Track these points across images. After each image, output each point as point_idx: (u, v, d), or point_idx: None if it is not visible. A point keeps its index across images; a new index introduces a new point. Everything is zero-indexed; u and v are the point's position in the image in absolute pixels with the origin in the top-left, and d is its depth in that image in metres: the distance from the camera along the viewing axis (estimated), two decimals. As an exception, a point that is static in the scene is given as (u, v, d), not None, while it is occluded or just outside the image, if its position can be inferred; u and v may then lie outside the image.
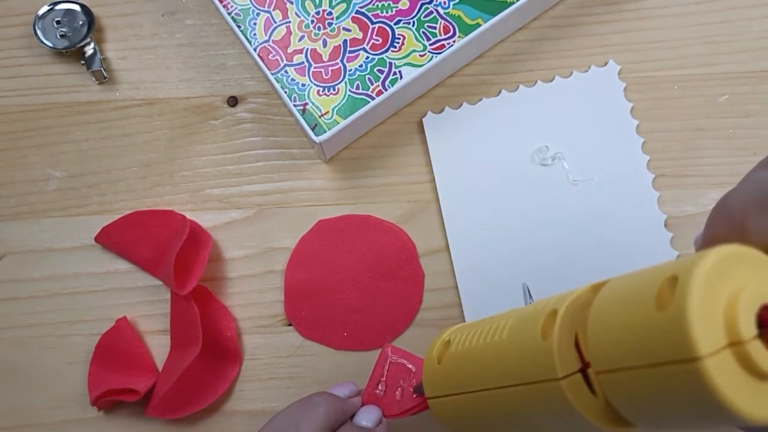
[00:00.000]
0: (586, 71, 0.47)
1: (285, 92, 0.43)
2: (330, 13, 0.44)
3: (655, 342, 0.19)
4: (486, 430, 0.30)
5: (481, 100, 0.46)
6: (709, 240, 0.24)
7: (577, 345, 0.24)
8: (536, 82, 0.47)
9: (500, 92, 0.47)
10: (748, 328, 0.18)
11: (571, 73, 0.47)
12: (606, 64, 0.47)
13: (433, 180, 0.45)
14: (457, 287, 0.43)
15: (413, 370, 0.36)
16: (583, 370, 0.23)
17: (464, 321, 0.43)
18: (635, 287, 0.21)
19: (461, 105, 0.46)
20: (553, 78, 0.47)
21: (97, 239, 0.45)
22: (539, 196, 0.44)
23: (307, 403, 0.34)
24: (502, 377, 0.26)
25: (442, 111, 0.46)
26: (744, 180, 0.24)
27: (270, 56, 0.44)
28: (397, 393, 0.36)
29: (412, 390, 0.36)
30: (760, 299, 0.19)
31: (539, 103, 0.46)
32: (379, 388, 0.37)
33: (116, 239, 0.45)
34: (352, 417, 0.35)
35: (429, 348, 0.33)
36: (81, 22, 0.47)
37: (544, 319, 0.25)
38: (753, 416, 0.18)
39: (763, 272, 0.20)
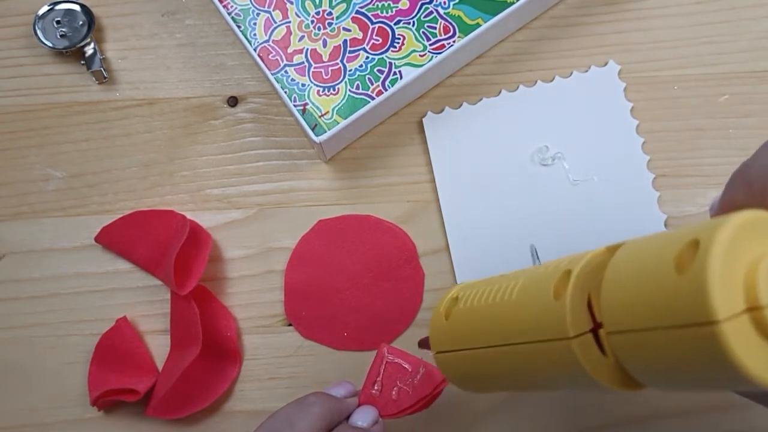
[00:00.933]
0: (586, 71, 0.47)
1: (285, 92, 0.43)
2: (330, 13, 0.44)
3: (673, 304, 0.19)
4: (492, 385, 0.31)
5: (481, 100, 0.46)
6: (728, 205, 0.24)
7: (589, 306, 0.24)
8: (536, 82, 0.47)
9: (500, 92, 0.47)
10: (767, 294, 0.19)
11: (571, 73, 0.47)
12: (606, 64, 0.47)
13: (433, 180, 0.45)
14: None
15: (409, 370, 0.36)
16: (595, 330, 0.23)
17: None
18: (654, 250, 0.21)
19: (461, 105, 0.46)
20: (553, 78, 0.47)
21: (97, 239, 0.45)
22: (539, 196, 0.44)
23: (302, 403, 0.34)
24: (512, 335, 0.27)
25: (442, 111, 0.46)
26: (762, 148, 0.24)
27: (270, 56, 0.44)
28: (394, 393, 0.36)
29: (408, 390, 0.36)
30: None
31: (539, 103, 0.46)
32: (376, 388, 0.37)
33: (116, 239, 0.45)
34: (348, 417, 0.35)
35: (437, 303, 0.33)
36: (81, 22, 0.47)
37: (557, 279, 0.25)
38: (766, 380, 0.19)
39: None
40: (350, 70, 0.43)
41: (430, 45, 0.43)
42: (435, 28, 0.44)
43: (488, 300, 0.29)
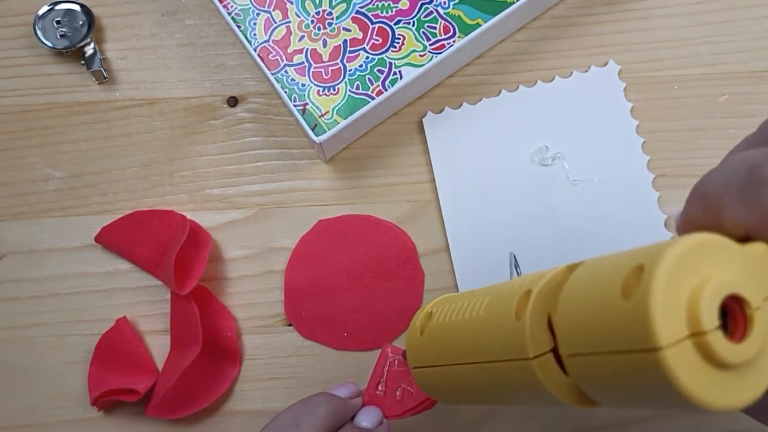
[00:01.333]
0: (586, 71, 0.47)
1: (285, 92, 0.43)
2: (330, 13, 0.44)
3: (619, 330, 0.20)
4: (466, 399, 0.31)
5: (481, 100, 0.46)
6: (685, 222, 0.24)
7: (550, 324, 0.24)
8: (536, 82, 0.47)
9: (500, 92, 0.47)
10: (711, 318, 0.19)
11: (571, 73, 0.47)
12: (606, 64, 0.47)
13: (433, 180, 0.45)
14: (457, 287, 0.44)
15: None
16: (555, 349, 0.23)
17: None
18: (604, 273, 0.21)
19: (461, 105, 0.46)
20: (553, 78, 0.47)
21: (97, 239, 0.45)
22: (539, 196, 0.44)
23: (308, 404, 0.34)
24: (478, 353, 0.27)
25: (442, 111, 0.46)
26: (723, 161, 0.23)
27: (270, 56, 0.44)
28: (398, 393, 0.36)
29: (412, 390, 0.36)
30: (725, 289, 0.19)
31: (539, 103, 0.46)
32: (380, 388, 0.36)
33: (116, 239, 0.45)
34: (353, 418, 0.35)
35: (413, 318, 0.33)
36: (81, 22, 0.47)
37: (518, 298, 0.25)
38: (713, 405, 0.19)
39: (732, 262, 0.20)
40: (350, 70, 0.43)
41: (430, 45, 0.43)
42: (435, 28, 0.44)
43: (458, 317, 0.29)
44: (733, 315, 0.19)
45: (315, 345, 0.43)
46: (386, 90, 0.43)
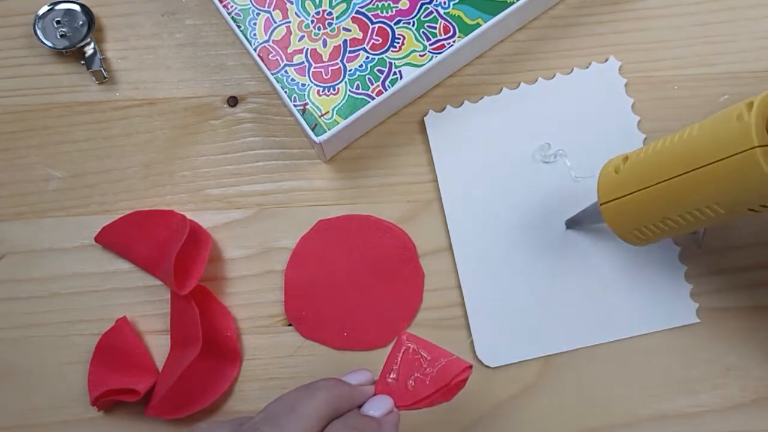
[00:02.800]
0: (587, 68, 0.47)
1: (285, 92, 0.43)
2: (330, 13, 0.44)
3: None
4: (656, 225, 0.36)
5: (482, 98, 0.46)
6: None
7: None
8: (537, 79, 0.47)
9: (501, 90, 0.47)
10: None
11: (572, 70, 0.47)
12: (607, 60, 0.47)
13: (434, 180, 0.45)
14: (458, 287, 0.44)
15: (428, 359, 0.35)
16: None
17: (466, 321, 0.43)
18: None
19: (463, 103, 0.46)
20: (554, 75, 0.47)
21: (97, 239, 0.45)
22: (541, 194, 0.44)
23: (309, 388, 0.33)
24: (692, 161, 0.32)
25: (443, 110, 0.46)
26: None
27: (270, 56, 0.44)
28: (411, 383, 0.35)
29: (426, 380, 0.35)
30: None
31: (541, 101, 0.46)
32: (392, 376, 0.35)
33: (116, 239, 0.45)
34: (361, 406, 0.34)
35: (604, 166, 0.39)
36: (81, 22, 0.47)
37: (740, 108, 0.31)
38: None
39: None
40: (350, 70, 0.43)
41: (430, 45, 0.43)
42: (435, 28, 0.44)
43: (664, 145, 0.35)
44: None
45: (315, 345, 0.43)
46: (386, 90, 0.43)
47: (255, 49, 0.44)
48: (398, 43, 0.44)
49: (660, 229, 0.36)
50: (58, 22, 0.47)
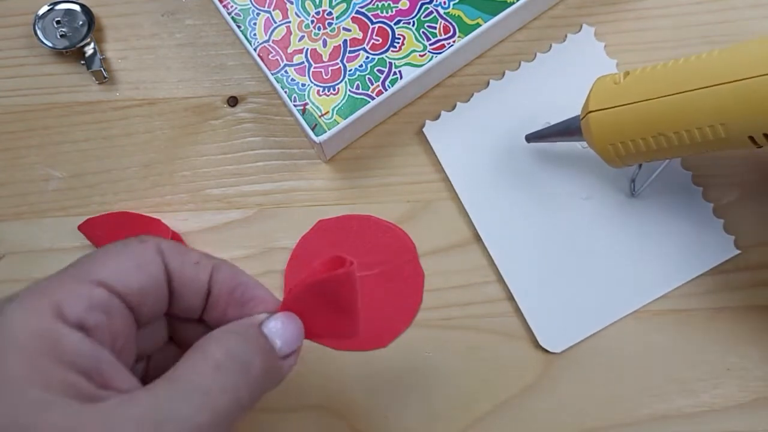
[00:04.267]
0: (564, 42, 0.47)
1: (285, 92, 0.43)
2: (330, 13, 0.44)
3: None
4: (646, 143, 0.36)
5: (472, 96, 0.47)
6: None
7: None
8: (520, 63, 0.47)
9: (488, 83, 0.47)
10: None
11: (551, 47, 0.47)
12: (581, 28, 0.47)
13: (434, 180, 0.45)
14: (459, 286, 0.44)
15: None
16: None
17: (467, 321, 0.43)
18: None
19: (455, 106, 0.46)
20: (535, 56, 0.47)
21: (80, 228, 0.44)
22: (553, 169, 0.45)
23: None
24: (713, 77, 0.33)
25: (438, 117, 0.46)
26: None
27: (270, 56, 0.44)
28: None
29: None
30: None
31: (528, 83, 0.47)
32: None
33: (99, 233, 0.44)
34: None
35: (599, 78, 0.38)
36: (81, 22, 0.47)
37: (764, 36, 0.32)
38: None
39: None
40: (350, 70, 0.43)
41: (430, 45, 0.43)
42: (435, 28, 0.44)
43: (677, 63, 0.35)
44: None
45: (315, 345, 0.43)
46: (386, 90, 0.43)
47: (255, 49, 0.44)
48: (398, 43, 0.44)
49: (647, 147, 0.36)
50: (58, 22, 0.47)
